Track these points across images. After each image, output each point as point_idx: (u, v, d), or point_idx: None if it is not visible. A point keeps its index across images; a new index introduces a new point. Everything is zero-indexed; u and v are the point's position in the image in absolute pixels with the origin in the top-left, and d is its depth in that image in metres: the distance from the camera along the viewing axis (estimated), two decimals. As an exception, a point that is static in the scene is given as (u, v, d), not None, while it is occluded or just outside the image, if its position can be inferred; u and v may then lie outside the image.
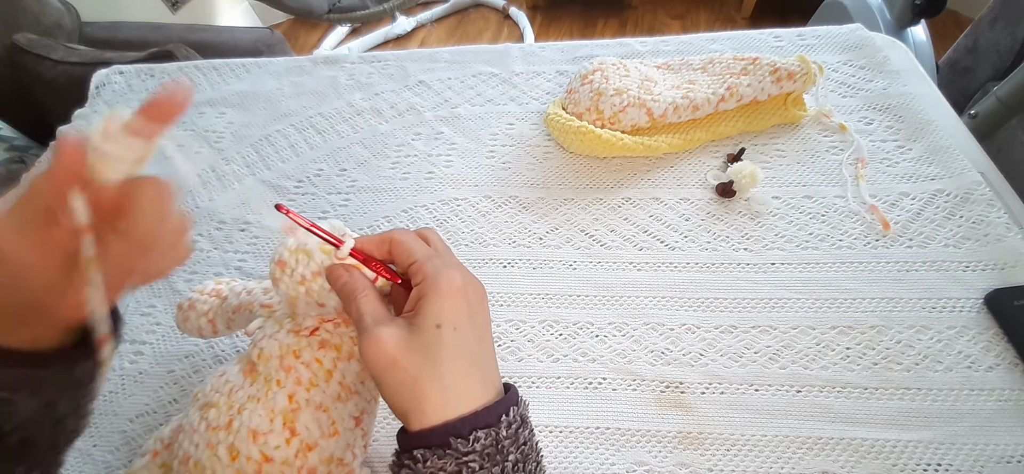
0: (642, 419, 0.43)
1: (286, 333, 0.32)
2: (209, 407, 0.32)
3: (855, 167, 0.56)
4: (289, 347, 0.32)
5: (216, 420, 0.31)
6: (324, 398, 0.31)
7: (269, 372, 0.31)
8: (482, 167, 0.61)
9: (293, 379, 0.31)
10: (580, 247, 0.53)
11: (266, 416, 0.30)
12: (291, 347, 0.32)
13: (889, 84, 0.62)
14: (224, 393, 0.32)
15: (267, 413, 0.30)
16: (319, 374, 0.31)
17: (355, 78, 0.72)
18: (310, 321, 0.32)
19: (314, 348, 0.32)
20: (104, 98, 0.74)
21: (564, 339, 0.47)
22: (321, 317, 0.33)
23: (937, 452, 0.39)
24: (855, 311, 0.46)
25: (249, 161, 0.65)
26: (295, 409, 0.30)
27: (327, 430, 0.31)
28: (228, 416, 0.31)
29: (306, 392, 0.31)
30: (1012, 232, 0.49)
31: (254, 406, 0.30)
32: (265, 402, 0.30)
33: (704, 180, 0.57)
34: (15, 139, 0.98)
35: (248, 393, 0.31)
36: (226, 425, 0.30)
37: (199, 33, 1.20)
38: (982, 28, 1.06)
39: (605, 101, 0.56)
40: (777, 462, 0.40)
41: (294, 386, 0.31)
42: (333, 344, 0.32)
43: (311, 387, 0.31)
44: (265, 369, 0.32)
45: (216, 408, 0.31)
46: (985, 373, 0.42)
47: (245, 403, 0.31)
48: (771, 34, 0.70)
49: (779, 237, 0.51)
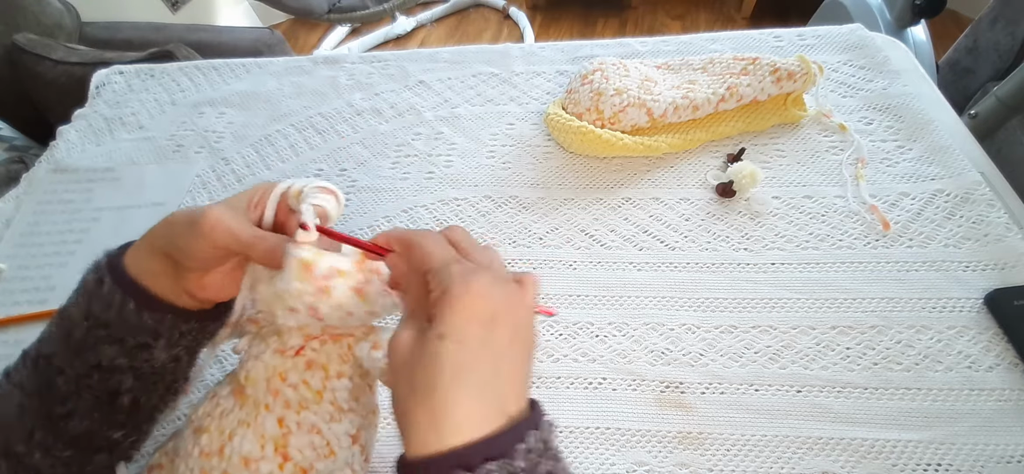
0: (642, 419, 0.43)
1: (272, 354, 0.31)
2: (201, 432, 0.31)
3: (855, 167, 0.56)
4: (275, 369, 0.30)
5: (208, 446, 0.30)
6: (316, 419, 0.30)
7: (257, 396, 0.30)
8: (482, 167, 0.61)
9: (281, 402, 0.30)
10: (580, 247, 0.53)
11: (257, 442, 0.29)
12: (277, 369, 0.30)
13: (889, 84, 0.62)
14: (215, 417, 0.31)
15: (257, 439, 0.29)
16: (308, 396, 0.30)
17: (355, 78, 0.72)
18: (295, 340, 0.31)
19: (301, 369, 0.30)
20: (104, 98, 0.74)
21: (564, 339, 0.47)
22: (307, 335, 0.31)
23: (937, 452, 0.39)
24: (855, 311, 0.46)
25: (249, 161, 0.65)
26: (286, 433, 0.29)
27: (322, 451, 0.30)
28: (220, 442, 0.30)
29: (296, 415, 0.30)
30: (1012, 232, 0.49)
31: (244, 432, 0.30)
32: (255, 428, 0.30)
33: (704, 180, 0.57)
34: (15, 139, 0.97)
35: (238, 418, 0.30)
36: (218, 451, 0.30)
37: (199, 33, 1.20)
38: (982, 28, 1.06)
39: (605, 101, 0.56)
40: (777, 462, 0.40)
41: (283, 410, 0.30)
42: (320, 364, 0.31)
43: (301, 409, 0.30)
44: (253, 392, 0.31)
45: (208, 433, 0.31)
46: (985, 373, 0.42)
47: (235, 428, 0.30)
48: (771, 34, 0.70)
49: (779, 237, 0.51)
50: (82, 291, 0.30)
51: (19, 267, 0.57)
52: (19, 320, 0.52)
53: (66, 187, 0.64)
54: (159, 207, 0.61)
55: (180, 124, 0.70)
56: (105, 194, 0.63)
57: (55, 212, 0.61)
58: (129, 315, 0.29)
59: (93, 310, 0.29)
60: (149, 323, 0.29)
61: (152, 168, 0.65)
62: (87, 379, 0.29)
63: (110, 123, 0.71)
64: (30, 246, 0.58)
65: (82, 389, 0.29)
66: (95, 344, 0.29)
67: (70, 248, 0.58)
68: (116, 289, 0.29)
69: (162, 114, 0.71)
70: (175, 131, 0.69)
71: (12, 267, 0.57)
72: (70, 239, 0.59)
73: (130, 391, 0.30)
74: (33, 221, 0.61)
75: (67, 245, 0.58)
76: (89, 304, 0.29)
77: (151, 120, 0.71)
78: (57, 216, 0.61)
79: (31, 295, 0.54)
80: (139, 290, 0.29)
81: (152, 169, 0.65)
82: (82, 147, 0.68)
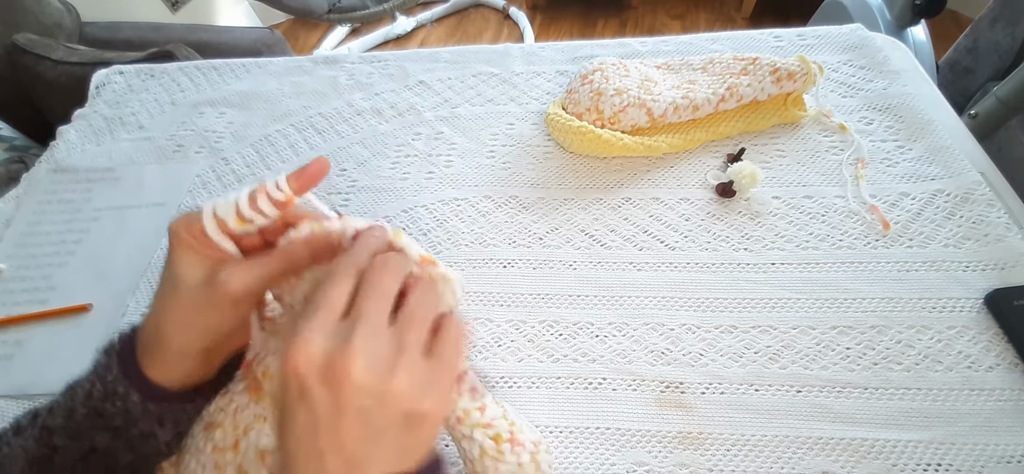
0: (642, 419, 0.42)
1: None
2: (214, 428, 0.31)
3: (855, 167, 0.56)
4: None
5: (222, 441, 0.30)
6: None
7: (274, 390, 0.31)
8: (482, 167, 0.61)
9: None
10: (580, 247, 0.53)
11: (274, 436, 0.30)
12: None
13: (889, 84, 0.62)
14: (229, 413, 0.31)
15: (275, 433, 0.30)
16: None
17: (355, 78, 0.72)
18: None
19: None
20: (104, 98, 0.74)
21: (564, 339, 0.47)
22: None
23: (937, 452, 0.39)
24: (855, 311, 0.46)
25: (249, 161, 0.65)
26: None
27: None
28: (234, 437, 0.30)
29: None
30: (1012, 232, 0.49)
31: (261, 426, 0.30)
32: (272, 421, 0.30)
33: (704, 180, 0.57)
34: (15, 139, 0.98)
35: (254, 413, 0.31)
36: (233, 446, 0.30)
37: (199, 33, 1.20)
38: (982, 28, 1.06)
39: (605, 101, 0.56)
40: (777, 462, 0.40)
41: None
42: None
43: None
44: (271, 387, 0.31)
45: (222, 428, 0.31)
46: (985, 373, 0.42)
47: (252, 423, 0.30)
48: (771, 34, 0.70)
49: (779, 237, 0.51)
50: (92, 371, 0.29)
51: (19, 267, 0.57)
52: (19, 320, 0.52)
53: (66, 187, 0.64)
54: (159, 207, 0.61)
55: (180, 124, 0.70)
56: (105, 194, 0.63)
57: (55, 212, 0.61)
58: (133, 408, 0.28)
59: (94, 400, 0.28)
60: (154, 412, 0.29)
61: (152, 168, 0.65)
62: (83, 462, 0.29)
63: (110, 123, 0.71)
64: (30, 246, 0.58)
65: (78, 469, 0.29)
66: (91, 431, 0.28)
67: (70, 248, 0.58)
68: (121, 379, 0.28)
69: (162, 114, 0.71)
70: (175, 131, 0.69)
71: (12, 267, 0.57)
72: (70, 239, 0.59)
73: (128, 466, 0.30)
74: (33, 221, 0.61)
75: (67, 245, 0.58)
76: (91, 389, 0.28)
77: (151, 120, 0.71)
78: (57, 216, 0.61)
79: (31, 295, 0.54)
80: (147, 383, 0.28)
81: (152, 169, 0.65)
82: (82, 147, 0.68)
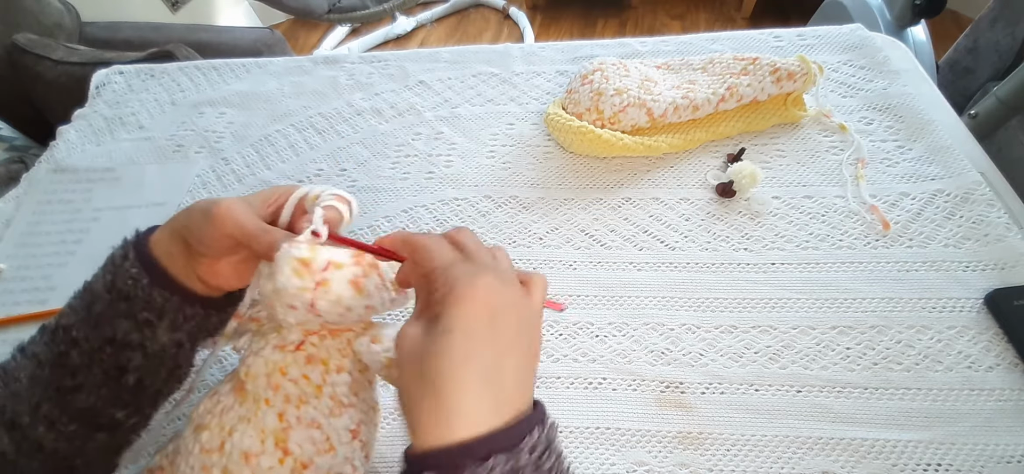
0: (642, 419, 0.43)
1: (272, 350, 0.31)
2: (201, 429, 0.31)
3: (855, 167, 0.56)
4: (275, 364, 0.31)
5: (209, 442, 0.30)
6: (316, 414, 0.30)
7: (257, 391, 0.31)
8: (482, 167, 0.61)
9: (281, 397, 0.30)
10: (580, 247, 0.53)
11: (257, 437, 0.29)
12: (277, 364, 0.31)
13: (889, 84, 0.62)
14: (216, 414, 0.31)
15: (257, 434, 0.30)
16: (308, 390, 0.30)
17: (355, 78, 0.72)
18: (295, 335, 0.31)
19: (301, 364, 0.31)
20: (104, 98, 0.74)
21: (564, 339, 0.47)
22: (306, 330, 0.31)
23: (937, 452, 0.39)
24: (855, 311, 0.46)
25: (249, 161, 0.65)
26: (286, 428, 0.30)
27: (322, 446, 0.30)
28: (220, 438, 0.30)
29: (296, 410, 0.30)
30: (1012, 232, 0.49)
31: (244, 427, 0.30)
32: (255, 423, 0.30)
33: (704, 180, 0.57)
34: (15, 139, 0.98)
35: (238, 414, 0.31)
36: (218, 447, 0.30)
37: (199, 33, 1.20)
38: (982, 28, 1.06)
39: (605, 101, 0.56)
40: (777, 462, 0.40)
41: (283, 404, 0.30)
42: (320, 358, 0.31)
43: (301, 404, 0.30)
44: (253, 388, 0.31)
45: (208, 430, 0.31)
46: (985, 373, 0.42)
47: (236, 424, 0.30)
48: (771, 34, 0.70)
49: (779, 237, 0.51)
50: (108, 265, 0.32)
51: (19, 267, 0.57)
52: (19, 320, 0.52)
53: (66, 187, 0.64)
54: (159, 207, 0.61)
55: (180, 124, 0.70)
56: (105, 194, 0.63)
57: (55, 212, 0.61)
58: (141, 290, 0.31)
59: (116, 283, 0.31)
60: (157, 300, 0.31)
61: (152, 168, 0.65)
62: (100, 353, 0.31)
63: (110, 123, 0.71)
64: (30, 246, 0.58)
65: (94, 363, 0.31)
66: (113, 318, 0.31)
67: (70, 248, 0.58)
68: (136, 263, 0.31)
69: (162, 114, 0.71)
70: (175, 131, 0.69)
71: (12, 267, 0.57)
72: (70, 239, 0.59)
73: (137, 370, 0.31)
74: (33, 221, 0.61)
75: (67, 245, 0.58)
76: (113, 277, 0.31)
77: (151, 120, 0.71)
78: (57, 216, 0.61)
79: (31, 295, 0.54)
80: (155, 267, 0.31)
81: (152, 169, 0.65)
82: (82, 147, 0.68)
